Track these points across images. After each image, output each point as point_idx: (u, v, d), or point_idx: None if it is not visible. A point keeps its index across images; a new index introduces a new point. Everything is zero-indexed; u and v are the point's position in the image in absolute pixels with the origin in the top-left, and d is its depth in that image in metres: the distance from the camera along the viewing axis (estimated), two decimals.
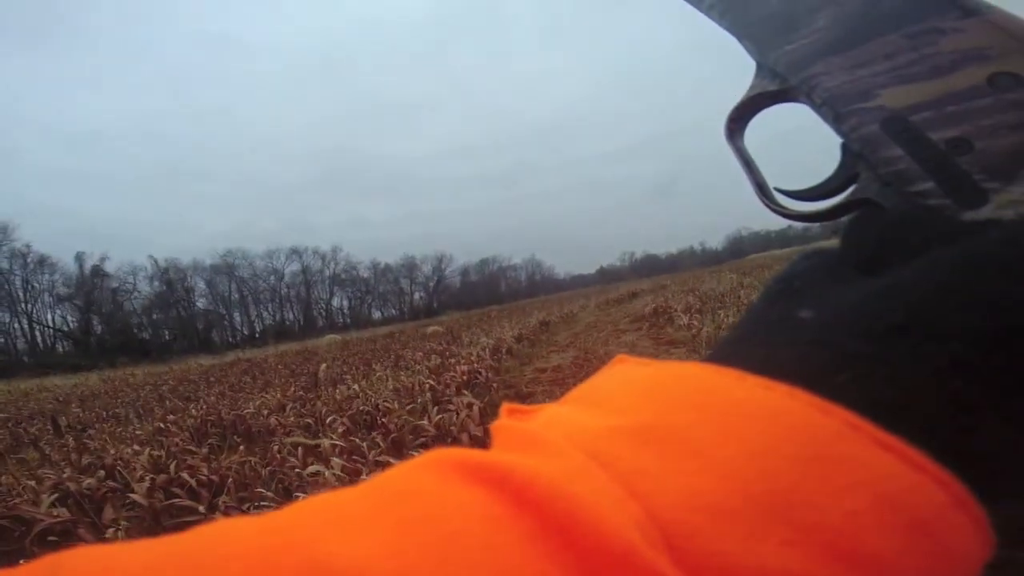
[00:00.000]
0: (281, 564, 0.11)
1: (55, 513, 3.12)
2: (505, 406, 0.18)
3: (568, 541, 0.11)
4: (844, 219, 0.25)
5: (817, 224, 0.28)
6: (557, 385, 5.55)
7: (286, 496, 2.84)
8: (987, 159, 0.20)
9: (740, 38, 0.28)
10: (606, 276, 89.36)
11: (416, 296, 73.81)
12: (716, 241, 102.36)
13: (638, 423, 0.14)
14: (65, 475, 3.75)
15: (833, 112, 0.24)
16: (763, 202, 0.28)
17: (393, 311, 70.79)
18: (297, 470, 3.18)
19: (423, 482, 0.13)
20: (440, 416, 4.04)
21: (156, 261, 55.18)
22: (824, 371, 0.15)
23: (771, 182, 0.28)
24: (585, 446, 0.14)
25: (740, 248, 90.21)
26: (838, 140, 0.25)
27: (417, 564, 0.11)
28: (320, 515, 0.13)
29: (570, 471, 0.13)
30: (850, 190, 0.24)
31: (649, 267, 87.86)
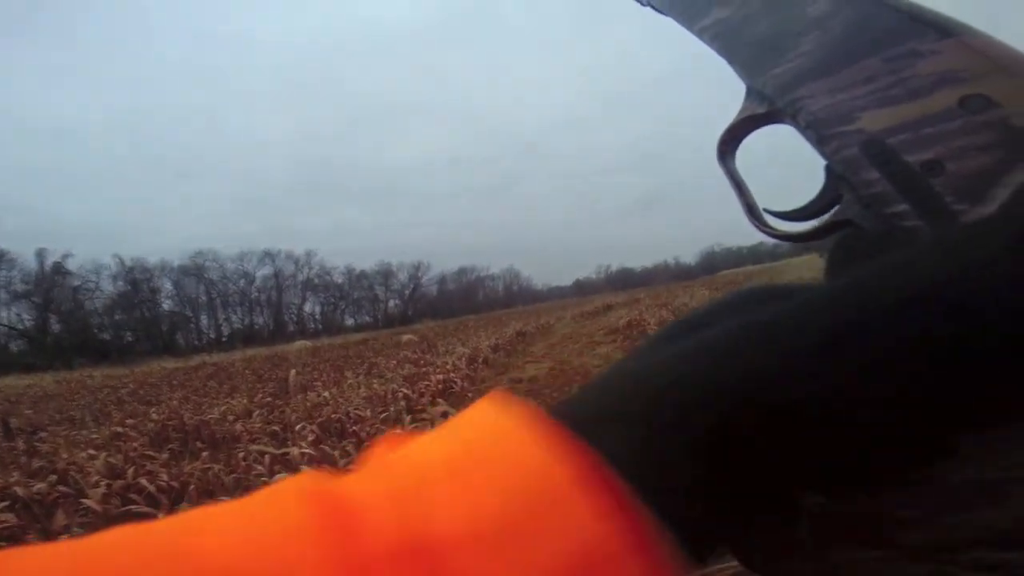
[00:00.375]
0: (150, 553, 0.14)
1: (1, 518, 2.97)
2: (388, 434, 0.20)
3: (353, 546, 0.14)
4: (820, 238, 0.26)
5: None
6: (533, 396, 5.55)
7: None
8: (957, 181, 0.20)
9: (730, 61, 0.28)
10: (582, 288, 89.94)
11: (391, 303, 73.09)
12: (690, 256, 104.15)
13: (449, 456, 0.17)
14: (13, 479, 3.58)
15: (816, 135, 0.24)
16: (752, 223, 0.28)
17: (367, 318, 69.89)
18: (264, 479, 3.10)
19: (276, 499, 0.16)
20: (414, 425, 3.99)
21: (122, 260, 53.43)
22: (594, 420, 0.17)
23: (760, 202, 0.29)
24: (408, 472, 0.16)
25: (713, 264, 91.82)
26: (822, 161, 0.25)
27: (243, 557, 0.14)
28: (200, 519, 0.16)
29: (378, 492, 0.16)
30: (833, 211, 0.25)
31: (624, 280, 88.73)
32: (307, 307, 67.46)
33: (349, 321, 68.40)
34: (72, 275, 49.73)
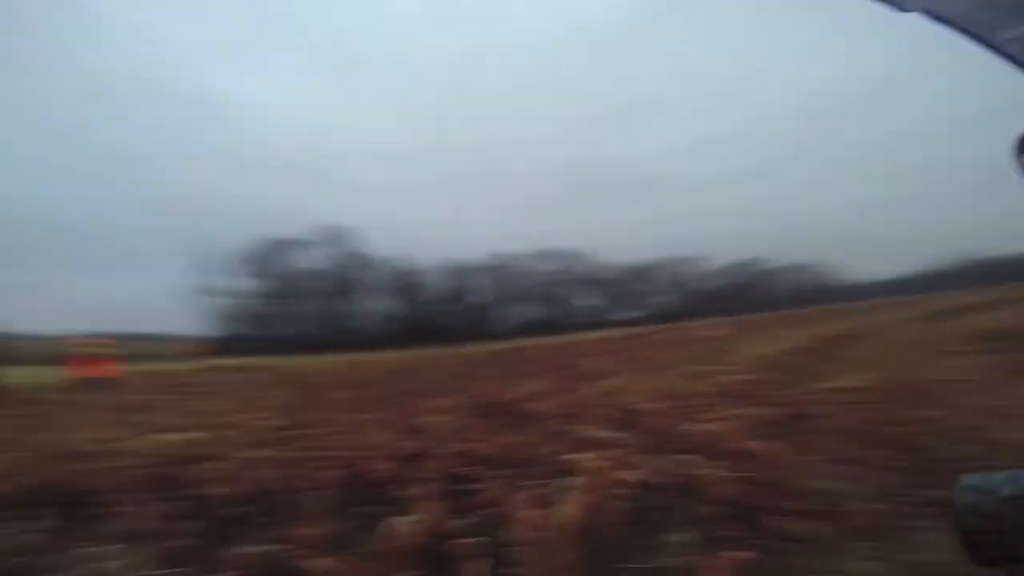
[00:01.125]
0: None
1: (383, 467, 3.66)
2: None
3: None
4: None
5: None
6: (855, 410, 4.55)
7: (558, 477, 2.96)
8: None
9: None
10: (914, 284, 71.58)
11: (666, 298, 71.74)
12: None
13: None
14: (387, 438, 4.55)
15: None
16: None
17: (644, 312, 70.22)
18: (562, 456, 3.29)
19: None
20: (702, 425, 3.72)
21: (443, 261, 66.64)
22: None
23: None
24: None
25: None
26: None
27: None
28: None
29: None
30: None
31: (981, 273, 66.87)
32: (587, 300, 71.56)
33: (625, 315, 69.81)
34: (414, 272, 64.12)
